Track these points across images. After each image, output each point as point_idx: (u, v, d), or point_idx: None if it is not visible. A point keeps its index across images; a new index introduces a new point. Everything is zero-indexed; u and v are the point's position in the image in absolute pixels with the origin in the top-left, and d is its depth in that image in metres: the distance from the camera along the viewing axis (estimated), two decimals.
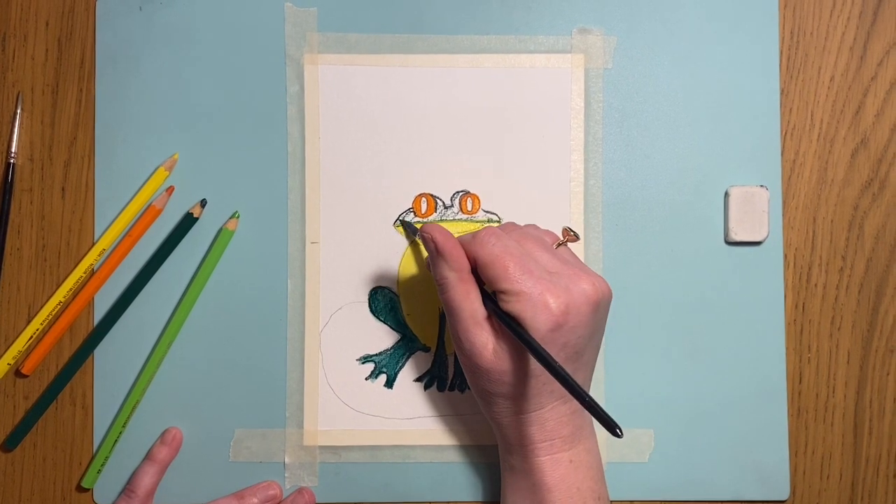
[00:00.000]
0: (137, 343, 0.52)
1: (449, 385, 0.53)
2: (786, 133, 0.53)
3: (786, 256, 0.53)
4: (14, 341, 0.52)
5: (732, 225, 0.52)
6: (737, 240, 0.52)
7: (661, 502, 0.53)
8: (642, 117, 0.53)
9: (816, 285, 0.53)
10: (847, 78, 0.54)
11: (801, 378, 0.53)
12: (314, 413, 0.52)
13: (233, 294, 0.52)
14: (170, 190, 0.52)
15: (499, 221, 0.53)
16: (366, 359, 0.53)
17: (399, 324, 0.53)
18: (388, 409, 0.52)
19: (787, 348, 0.53)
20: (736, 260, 0.53)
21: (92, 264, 0.52)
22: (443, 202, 0.53)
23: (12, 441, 0.52)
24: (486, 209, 0.53)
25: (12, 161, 0.52)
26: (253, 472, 0.52)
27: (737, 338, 0.53)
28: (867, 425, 0.53)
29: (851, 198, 0.53)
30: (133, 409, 0.52)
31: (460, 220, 0.53)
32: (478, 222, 0.53)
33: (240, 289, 0.53)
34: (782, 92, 0.53)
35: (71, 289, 0.52)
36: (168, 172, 0.52)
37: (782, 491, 0.52)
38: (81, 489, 0.52)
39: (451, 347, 0.53)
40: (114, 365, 0.52)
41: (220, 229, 0.52)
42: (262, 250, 0.53)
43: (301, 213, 0.53)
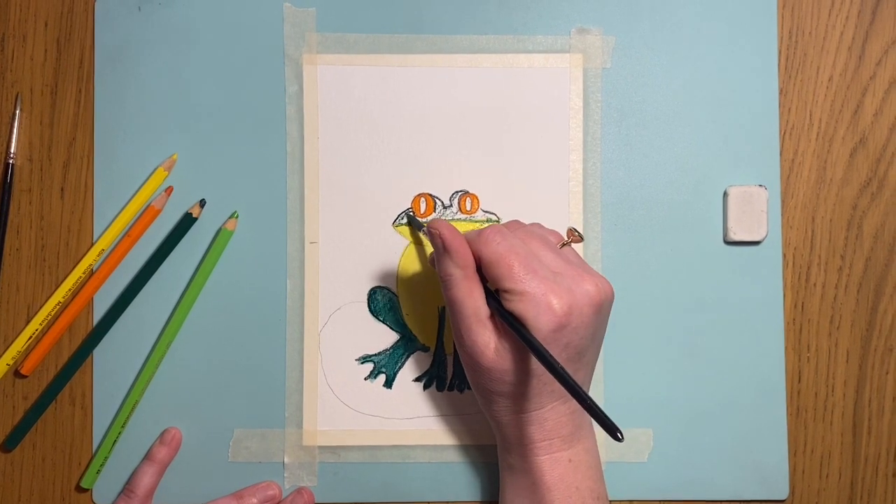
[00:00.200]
0: (137, 343, 0.52)
1: (448, 385, 0.53)
2: (784, 133, 0.53)
3: (785, 256, 0.53)
4: (13, 341, 0.52)
5: (731, 224, 0.52)
6: (736, 239, 0.52)
7: (661, 502, 0.53)
8: (641, 117, 0.53)
9: (815, 284, 0.53)
10: (846, 77, 0.54)
11: (800, 377, 0.53)
12: (313, 413, 0.52)
13: (232, 294, 0.52)
14: (169, 190, 0.52)
15: (498, 221, 0.53)
16: (365, 359, 0.53)
17: (398, 323, 0.53)
18: (388, 409, 0.52)
19: (787, 348, 0.53)
20: (735, 259, 0.53)
21: (91, 264, 0.52)
22: (442, 202, 0.53)
23: (12, 441, 0.52)
24: (484, 209, 0.53)
25: (11, 161, 0.52)
26: (252, 472, 0.52)
27: (736, 337, 0.53)
28: (866, 424, 0.53)
29: (850, 197, 0.53)
30: (132, 410, 0.52)
31: (459, 219, 0.53)
32: (477, 222, 0.53)
33: (239, 289, 0.53)
34: (781, 91, 0.54)
35: (70, 289, 0.52)
36: (167, 172, 0.52)
37: (781, 490, 0.52)
38: (81, 489, 0.52)
39: (450, 347, 0.53)
40: (113, 365, 0.52)
41: (219, 229, 0.52)
42: (261, 250, 0.53)
43: (300, 213, 0.53)
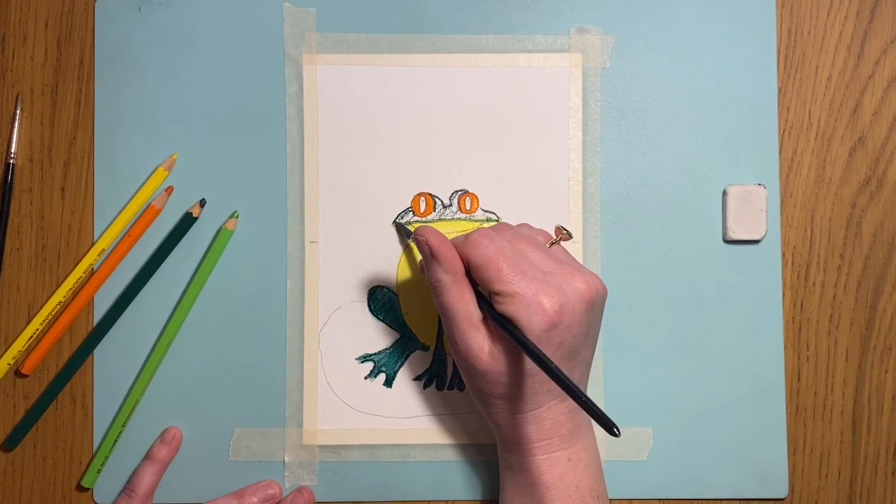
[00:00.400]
0: (137, 342, 0.52)
1: (448, 384, 0.53)
2: (784, 132, 0.53)
3: (784, 255, 0.53)
4: (14, 341, 0.52)
5: (730, 223, 0.52)
6: (735, 238, 0.52)
7: (660, 501, 0.53)
8: (640, 116, 0.53)
9: (815, 283, 0.53)
10: (844, 77, 0.54)
11: (799, 376, 0.53)
12: (313, 412, 0.52)
13: (232, 293, 0.53)
14: (169, 190, 0.53)
15: (497, 220, 0.53)
16: (365, 358, 0.53)
17: (398, 323, 0.53)
18: (388, 409, 0.53)
19: (786, 346, 0.53)
20: (734, 258, 0.53)
21: (91, 264, 0.52)
22: (441, 201, 0.53)
23: (12, 441, 0.52)
24: (484, 208, 0.53)
25: (12, 161, 0.52)
26: (252, 471, 0.52)
27: (735, 336, 0.53)
28: (865, 423, 0.53)
29: (849, 196, 0.53)
30: (133, 409, 0.52)
31: (459, 219, 0.53)
32: (476, 221, 0.53)
33: (239, 288, 0.53)
34: (780, 91, 0.54)
35: (71, 289, 0.52)
36: (167, 172, 0.52)
37: (781, 489, 0.53)
38: (81, 488, 0.52)
39: (450, 346, 0.53)
40: (113, 364, 0.52)
41: (220, 229, 0.52)
42: (261, 250, 0.53)
43: (300, 213, 0.53)
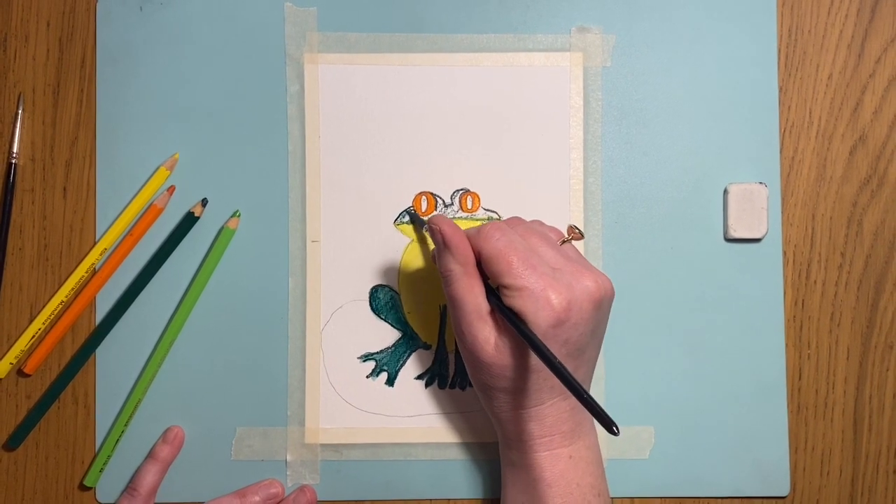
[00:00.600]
0: (139, 342, 0.52)
1: (450, 383, 0.53)
2: (784, 130, 0.54)
3: (785, 253, 0.53)
4: (16, 341, 0.52)
5: (731, 222, 0.52)
6: (736, 237, 0.53)
7: (662, 499, 0.53)
8: (641, 115, 0.54)
9: (816, 282, 0.53)
10: (845, 75, 0.54)
11: (800, 374, 0.53)
12: (315, 411, 0.52)
13: (234, 293, 0.53)
14: (171, 189, 0.53)
15: (499, 219, 0.53)
16: (367, 357, 0.53)
17: (400, 321, 0.53)
18: (390, 407, 0.53)
19: (787, 345, 0.53)
20: (735, 257, 0.53)
21: (93, 264, 0.52)
22: (443, 200, 0.53)
23: (15, 440, 0.52)
24: (485, 207, 0.53)
25: (14, 161, 0.53)
26: (255, 470, 0.52)
27: (736, 334, 0.53)
28: (867, 421, 0.53)
29: (850, 194, 0.53)
30: (135, 408, 0.52)
31: (460, 218, 0.53)
32: (478, 220, 0.53)
33: (241, 287, 0.53)
34: (781, 89, 0.54)
35: (73, 288, 0.52)
36: (169, 172, 0.53)
37: (782, 487, 0.53)
38: (84, 488, 0.52)
39: (451, 345, 0.53)
40: (116, 364, 0.52)
41: (221, 228, 0.53)
42: (263, 249, 0.53)
43: (302, 212, 0.53)
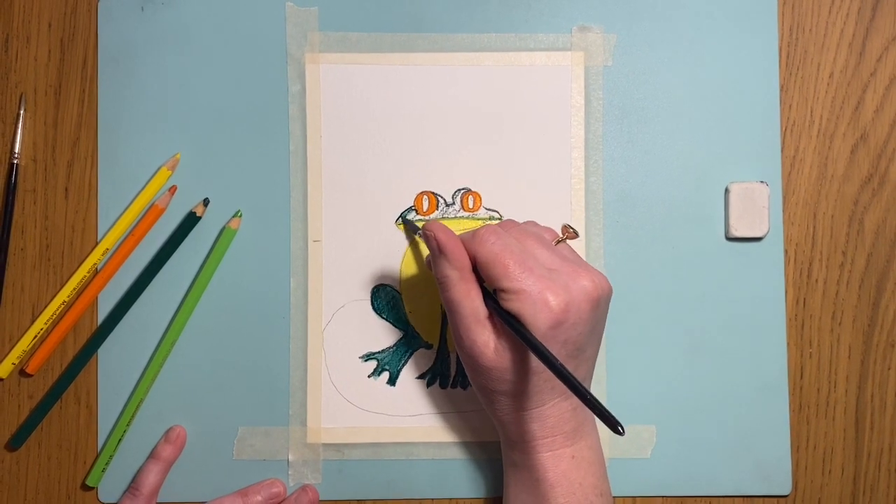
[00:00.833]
0: (141, 342, 0.52)
1: (451, 382, 0.53)
2: (786, 129, 0.54)
3: (786, 252, 0.53)
4: (18, 341, 0.52)
5: (733, 221, 0.52)
6: (737, 236, 0.53)
7: (664, 498, 0.53)
8: (642, 114, 0.54)
9: (817, 281, 0.53)
10: (846, 74, 0.54)
11: (802, 373, 0.53)
12: (317, 411, 0.52)
13: (236, 292, 0.53)
14: (172, 189, 0.53)
15: (500, 218, 0.53)
16: (368, 356, 0.53)
17: (401, 321, 0.53)
18: (391, 407, 0.53)
19: (789, 344, 0.53)
20: (736, 256, 0.53)
21: (95, 264, 0.52)
22: (444, 200, 0.53)
23: (17, 440, 0.52)
24: (487, 206, 0.53)
25: (16, 162, 0.53)
26: (256, 469, 0.53)
27: (738, 333, 0.53)
28: (868, 420, 0.53)
29: (851, 193, 0.53)
30: (137, 408, 0.52)
31: (462, 217, 0.53)
32: (479, 219, 0.53)
33: (243, 287, 0.53)
34: (782, 88, 0.54)
35: (75, 288, 0.52)
36: (171, 172, 0.53)
37: (784, 486, 0.53)
38: (86, 487, 0.52)
39: (453, 344, 0.53)
40: (117, 364, 0.52)
41: (223, 228, 0.53)
42: (264, 249, 0.53)
43: (303, 212, 0.53)
